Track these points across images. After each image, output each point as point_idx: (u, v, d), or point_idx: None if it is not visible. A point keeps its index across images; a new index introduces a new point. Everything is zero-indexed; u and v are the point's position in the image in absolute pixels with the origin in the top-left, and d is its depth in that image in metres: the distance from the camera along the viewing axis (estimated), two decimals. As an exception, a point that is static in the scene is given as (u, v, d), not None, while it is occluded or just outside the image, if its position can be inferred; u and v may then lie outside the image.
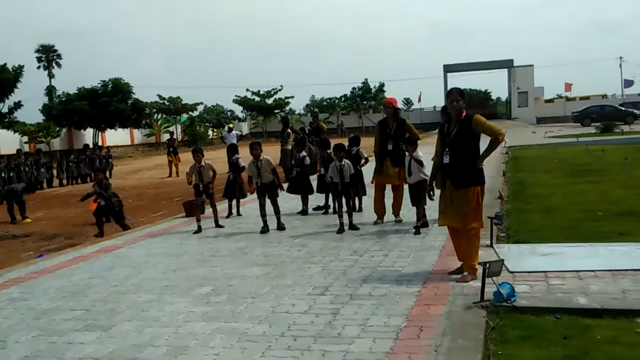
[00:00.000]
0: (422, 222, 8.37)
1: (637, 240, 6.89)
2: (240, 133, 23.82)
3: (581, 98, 58.68)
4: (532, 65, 58.63)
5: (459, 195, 5.79)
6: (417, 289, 5.59)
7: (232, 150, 11.31)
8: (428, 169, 8.32)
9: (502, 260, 5.53)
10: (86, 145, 29.45)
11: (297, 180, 10.82)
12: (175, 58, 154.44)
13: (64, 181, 24.49)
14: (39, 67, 69.38)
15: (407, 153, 8.45)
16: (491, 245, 6.92)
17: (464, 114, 5.85)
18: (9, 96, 30.69)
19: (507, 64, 58.57)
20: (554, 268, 5.89)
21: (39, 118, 43.43)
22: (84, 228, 12.51)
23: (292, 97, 64.81)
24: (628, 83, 58.48)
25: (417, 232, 8.15)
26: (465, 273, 5.77)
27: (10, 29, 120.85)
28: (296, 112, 68.86)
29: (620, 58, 65.99)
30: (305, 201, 10.73)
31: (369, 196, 9.98)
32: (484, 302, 4.98)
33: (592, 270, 5.75)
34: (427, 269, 6.30)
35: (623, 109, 44.37)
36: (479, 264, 5.40)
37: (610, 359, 3.90)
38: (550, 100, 61.91)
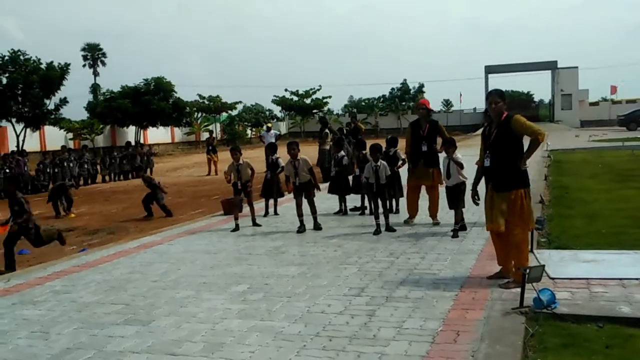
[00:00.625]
0: (460, 225, 8.27)
1: (685, 248, 6.66)
2: (278, 132, 23.95)
3: (627, 101, 57.00)
4: (577, 67, 57.32)
5: (500, 199, 5.70)
6: (454, 293, 5.52)
7: (271, 149, 11.39)
8: (467, 172, 8.29)
9: (543, 265, 5.41)
10: (128, 143, 30.08)
11: (336, 180, 10.83)
12: (215, 58, 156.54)
13: (107, 177, 25.07)
14: (84, 65, 71.38)
15: (445, 155, 8.36)
16: (531, 251, 6.77)
17: (504, 115, 5.74)
18: (56, 93, 31.47)
19: (551, 65, 57.34)
20: (596, 275, 5.74)
21: (84, 115, 44.76)
22: (125, 223, 12.78)
23: (330, 97, 64.74)
24: (677, 86, 56.51)
25: (454, 235, 8.05)
26: (511, 279, 5.65)
27: (57, 28, 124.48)
28: (334, 112, 68.83)
29: (669, 60, 63.91)
30: (343, 201, 10.74)
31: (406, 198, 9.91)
32: (523, 308, 4.89)
33: (637, 279, 5.58)
34: (464, 273, 6.21)
35: (671, 112, 42.92)
36: (518, 269, 5.30)
37: (655, 370, 3.78)
38: (595, 103, 60.36)
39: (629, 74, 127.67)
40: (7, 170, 20.28)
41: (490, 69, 58.43)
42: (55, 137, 36.15)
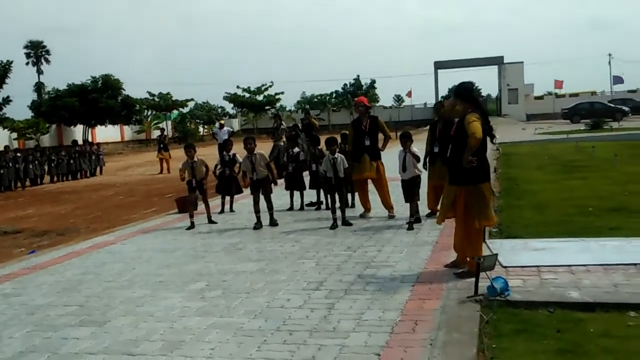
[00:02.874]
0: (415, 218, 8.41)
1: (628, 235, 6.97)
2: (231, 129, 23.79)
3: (570, 95, 58.99)
4: (522, 62, 58.98)
5: (453, 191, 5.83)
6: (411, 284, 5.62)
7: (228, 145, 11.25)
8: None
9: (496, 254, 5.57)
10: (75, 141, 29.24)
11: (293, 176, 10.83)
12: (165, 54, 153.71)
13: (55, 178, 24.33)
14: (27, 63, 69.03)
15: (402, 148, 8.50)
16: (484, 241, 6.96)
17: (467, 112, 5.73)
18: (-2, 92, 30.34)
19: (497, 61, 58.80)
20: (546, 263, 5.94)
21: (28, 115, 43.11)
22: (75, 224, 12.44)
23: (282, 93, 64.88)
24: (617, 80, 58.88)
25: (410, 228, 8.18)
26: (465, 268, 5.77)
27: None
28: (287, 109, 68.73)
29: (610, 55, 66.64)
30: (301, 197, 10.77)
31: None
32: (477, 296, 5.02)
33: (584, 265, 5.80)
34: (420, 264, 6.33)
35: (612, 105, 44.65)
36: (472, 258, 5.44)
37: (603, 351, 3.95)
38: (540, 97, 62.24)
39: (573, 68, 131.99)
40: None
41: (439, 65, 59.51)
42: (-2, 137, 34.80)
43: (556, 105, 54.88)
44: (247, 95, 63.38)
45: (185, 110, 60.24)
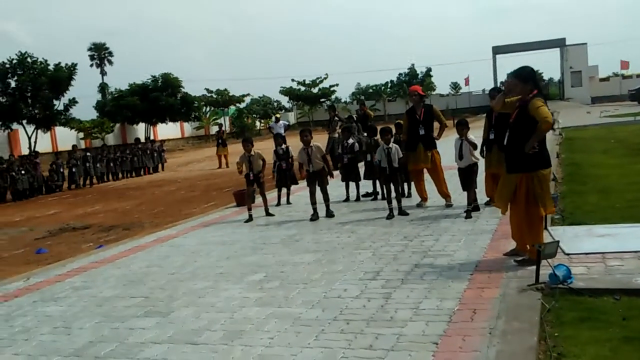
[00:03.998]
0: (473, 206, 8.27)
1: (701, 219, 6.62)
2: (287, 123, 24.03)
3: (638, 76, 56.30)
4: (586, 44, 56.68)
5: (512, 180, 5.67)
6: (469, 273, 5.54)
7: (281, 138, 11.40)
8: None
9: (557, 241, 5.42)
10: (137, 139, 30.26)
11: (349, 167, 10.84)
12: (222, 52, 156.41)
13: (120, 175, 25.25)
14: (91, 65, 71.61)
15: (459, 136, 8.36)
16: (546, 228, 6.76)
17: (529, 96, 5.54)
18: (64, 94, 31.62)
19: (559, 43, 56.74)
20: (611, 249, 5.73)
21: (93, 115, 44.88)
22: (139, 219, 12.89)
23: (337, 85, 64.54)
24: (688, 58, 55.74)
25: (468, 216, 8.06)
26: (526, 256, 5.64)
27: (63, 29, 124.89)
28: (342, 100, 68.61)
29: (680, 32, 63.01)
30: (357, 188, 10.78)
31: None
32: (539, 284, 4.90)
33: (653, 251, 5.56)
34: (479, 253, 6.23)
35: (683, 85, 42.37)
36: (533, 246, 5.31)
37: (673, 340, 3.79)
38: (606, 79, 59.71)
39: (638, 48, 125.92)
40: (23, 172, 20.53)
41: (497, 50, 57.96)
42: (66, 138, 36.36)
43: (623, 87, 52.51)
44: (302, 88, 63.67)
45: (242, 105, 61.16)
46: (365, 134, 11.90)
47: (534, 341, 3.89)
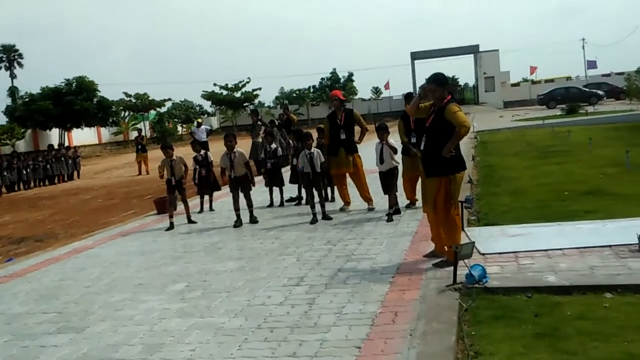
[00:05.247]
0: (394, 209, 8.44)
1: (603, 217, 7.06)
2: (209, 128, 23.67)
3: (546, 81, 59.54)
4: (498, 50, 59.33)
5: (431, 183, 5.84)
6: (391, 275, 5.64)
7: (200, 145, 11.23)
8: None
9: (473, 242, 5.62)
10: (50, 146, 28.92)
11: (272, 172, 10.79)
12: (141, 54, 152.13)
13: (32, 183, 24.00)
14: (0, 68, 67.70)
15: (379, 140, 8.50)
16: (462, 229, 7.00)
17: (444, 101, 5.73)
18: (-30, 99, 29.91)
19: (473, 50, 59.12)
20: (523, 248, 6.00)
21: (2, 120, 42.51)
22: (53, 230, 12.28)
23: (260, 89, 64.24)
24: (591, 64, 59.61)
25: (389, 219, 8.21)
26: (444, 258, 5.80)
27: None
28: (265, 105, 68.46)
29: (583, 40, 67.29)
30: (280, 193, 10.74)
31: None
32: (456, 284, 5.06)
33: (561, 249, 5.86)
34: (400, 255, 6.35)
35: (587, 90, 45.13)
36: (450, 247, 5.47)
37: (581, 333, 3.99)
38: (516, 84, 62.72)
39: (547, 55, 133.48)
40: None
41: (415, 55, 59.65)
42: (-29, 145, 34.26)
43: (532, 92, 55.38)
44: (224, 92, 62.95)
45: (163, 110, 59.75)
46: (290, 139, 11.88)
47: (452, 341, 4.00)
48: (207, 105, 67.73)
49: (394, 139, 8.74)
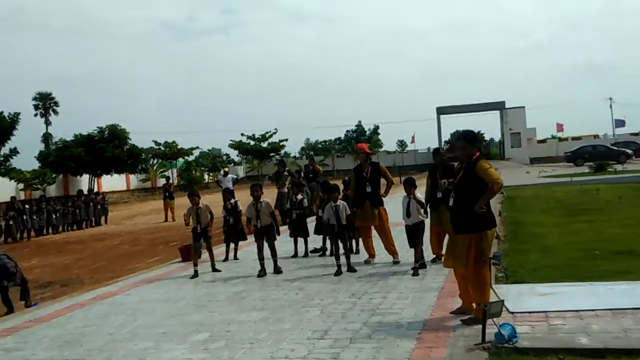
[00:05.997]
0: (420, 263, 8.34)
1: (636, 278, 6.87)
2: (236, 177, 23.92)
3: (573, 138, 59.36)
4: (524, 107, 59.50)
5: (460, 239, 5.77)
6: (417, 332, 5.53)
7: (229, 193, 11.34)
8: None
9: (502, 300, 5.50)
10: (80, 191, 29.47)
11: (297, 223, 10.81)
12: (171, 104, 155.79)
13: (60, 228, 24.37)
14: (35, 115, 70.00)
15: (406, 194, 8.49)
16: (490, 286, 6.88)
17: (473, 157, 5.73)
18: (5, 144, 30.80)
19: (499, 106, 59.40)
20: (554, 308, 5.85)
21: (35, 165, 43.62)
22: (79, 275, 12.38)
23: (286, 139, 65.24)
24: (619, 123, 59.36)
25: (415, 274, 8.11)
26: (472, 315, 5.68)
27: (6, 77, 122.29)
28: (291, 155, 69.22)
29: (610, 99, 67.14)
30: (305, 244, 10.73)
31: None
32: (485, 343, 4.93)
33: (593, 310, 5.71)
34: (427, 311, 6.24)
35: (615, 148, 44.81)
36: (479, 305, 5.36)
37: (615, 400, 3.85)
38: (543, 141, 62.60)
39: (574, 112, 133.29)
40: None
41: (441, 110, 60.12)
42: (5, 188, 35.09)
43: (559, 149, 55.13)
44: (251, 142, 63.97)
45: (191, 158, 60.81)
46: (320, 192, 11.85)
47: (482, 402, 3.88)
48: (234, 154, 68.84)
49: (421, 193, 8.73)
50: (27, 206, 22.99)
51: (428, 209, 8.67)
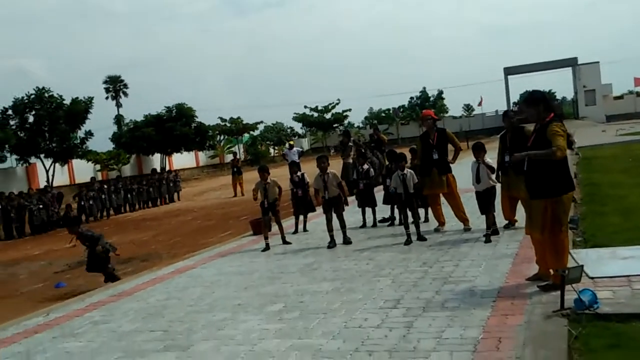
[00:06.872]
0: (492, 230, 8.17)
1: None
2: (301, 149, 24.06)
3: (653, 92, 55.98)
4: (598, 62, 56.59)
5: (536, 205, 5.55)
6: (492, 299, 5.44)
7: (296, 166, 11.43)
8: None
9: (582, 266, 5.31)
10: (154, 170, 30.54)
11: (365, 193, 10.80)
12: (235, 80, 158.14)
13: (136, 206, 25.41)
14: (107, 98, 72.38)
15: (475, 159, 8.30)
16: (568, 251, 6.65)
17: (546, 119, 5.48)
18: (81, 127, 32.21)
19: (571, 62, 56.70)
20: (637, 272, 5.60)
21: (110, 146, 45.51)
22: (157, 250, 12.90)
23: (350, 110, 65.06)
24: None
25: (487, 240, 7.95)
26: (550, 282, 5.51)
27: (79, 64, 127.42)
28: (355, 125, 68.91)
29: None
30: (373, 213, 10.72)
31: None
32: (564, 310, 4.79)
33: (680, 273, 5.43)
34: (501, 278, 6.12)
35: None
36: (557, 271, 5.20)
37: None
38: (620, 97, 59.39)
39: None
40: (41, 206, 20.73)
41: (509, 71, 58.03)
42: (83, 170, 36.86)
43: (638, 104, 52.22)
44: (315, 114, 64.10)
45: (256, 133, 61.70)
46: (387, 161, 11.73)
47: (563, 370, 3.78)
48: (297, 127, 69.24)
49: (490, 158, 8.50)
50: (105, 186, 24.06)
51: (500, 174, 8.43)
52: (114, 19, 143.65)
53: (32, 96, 30.74)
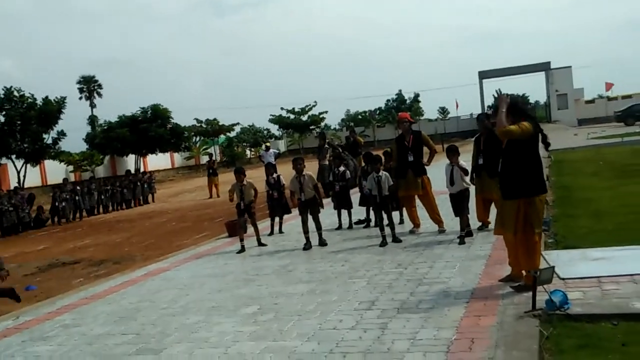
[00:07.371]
0: (466, 232, 8.25)
1: (694, 240, 6.62)
2: (277, 151, 24.03)
3: (623, 97, 56.98)
4: (570, 67, 57.47)
5: (508, 206, 5.63)
6: (465, 300, 5.49)
7: (272, 168, 11.39)
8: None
9: (553, 267, 5.38)
10: (128, 171, 30.15)
11: (341, 195, 10.81)
12: (211, 82, 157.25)
13: (110, 207, 25.06)
14: (80, 98, 71.49)
15: (449, 162, 8.38)
16: (540, 253, 6.74)
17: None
18: (53, 127, 31.65)
19: (544, 67, 57.51)
20: (607, 273, 5.71)
21: (83, 147, 44.81)
22: (130, 252, 12.74)
23: (326, 112, 65.08)
24: (672, 78, 56.70)
25: (461, 242, 8.03)
26: (522, 282, 5.59)
27: (51, 63, 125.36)
28: (332, 127, 69.08)
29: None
30: (349, 215, 10.74)
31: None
32: (536, 311, 4.85)
33: (648, 274, 5.53)
34: (474, 279, 6.18)
35: (668, 105, 42.84)
36: (529, 272, 5.27)
37: (674, 365, 3.74)
38: (591, 101, 60.46)
39: (623, 70, 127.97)
40: (11, 208, 20.31)
41: (484, 74, 58.61)
42: (55, 171, 36.21)
43: (608, 109, 53.15)
44: (291, 116, 64.01)
45: (232, 134, 61.37)
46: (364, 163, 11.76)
47: (534, 370, 3.83)
48: (274, 129, 69.05)
49: (465, 160, 8.58)
50: (78, 187, 23.68)
51: (474, 176, 8.52)
52: (89, 17, 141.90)
53: (1, 96, 30.14)
